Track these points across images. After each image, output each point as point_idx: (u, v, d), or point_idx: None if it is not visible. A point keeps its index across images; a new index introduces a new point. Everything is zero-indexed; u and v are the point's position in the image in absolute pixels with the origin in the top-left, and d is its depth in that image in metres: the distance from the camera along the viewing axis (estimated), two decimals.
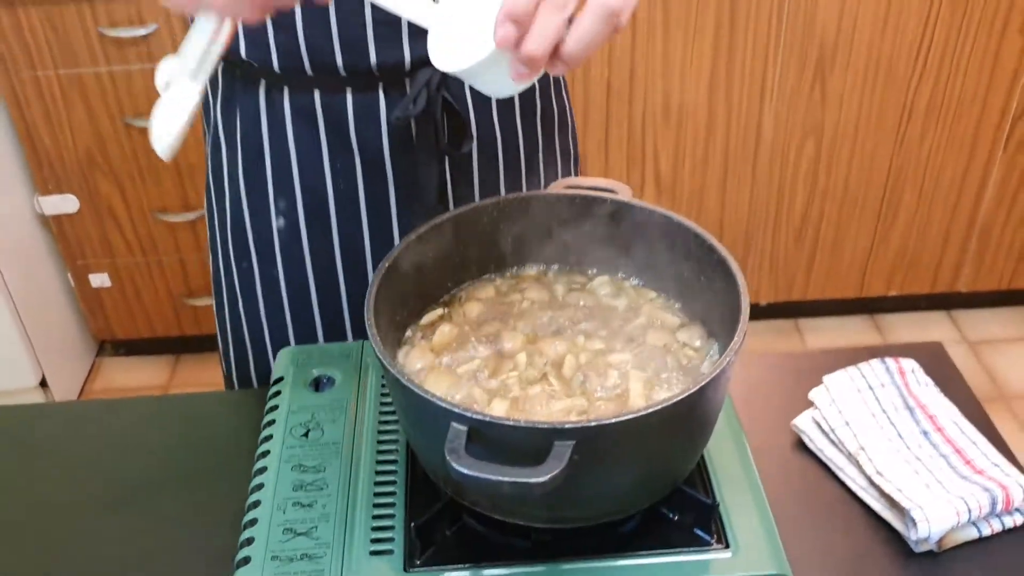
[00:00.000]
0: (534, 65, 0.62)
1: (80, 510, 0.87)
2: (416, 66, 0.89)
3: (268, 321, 1.02)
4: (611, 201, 0.80)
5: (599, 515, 0.68)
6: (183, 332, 2.36)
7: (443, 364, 0.76)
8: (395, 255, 0.75)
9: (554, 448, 0.59)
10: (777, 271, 2.36)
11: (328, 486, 0.77)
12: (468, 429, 0.61)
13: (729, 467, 0.76)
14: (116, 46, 1.92)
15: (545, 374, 0.74)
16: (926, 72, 2.06)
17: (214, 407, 1.01)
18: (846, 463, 0.88)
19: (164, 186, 2.12)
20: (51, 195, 2.11)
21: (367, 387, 0.85)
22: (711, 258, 0.74)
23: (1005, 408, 2.30)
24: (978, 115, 2.13)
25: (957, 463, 0.86)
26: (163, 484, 0.89)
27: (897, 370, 0.94)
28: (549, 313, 0.80)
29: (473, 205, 0.81)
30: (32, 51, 1.92)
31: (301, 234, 0.97)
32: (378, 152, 0.92)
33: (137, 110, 2.01)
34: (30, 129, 2.02)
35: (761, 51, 2.01)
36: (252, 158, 0.95)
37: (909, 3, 1.97)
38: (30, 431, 0.96)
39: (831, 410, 0.90)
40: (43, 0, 1.85)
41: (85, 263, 2.22)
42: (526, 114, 0.99)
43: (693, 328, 0.78)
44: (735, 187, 2.21)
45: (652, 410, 0.60)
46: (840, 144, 2.15)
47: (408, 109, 0.88)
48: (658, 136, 2.11)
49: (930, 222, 2.29)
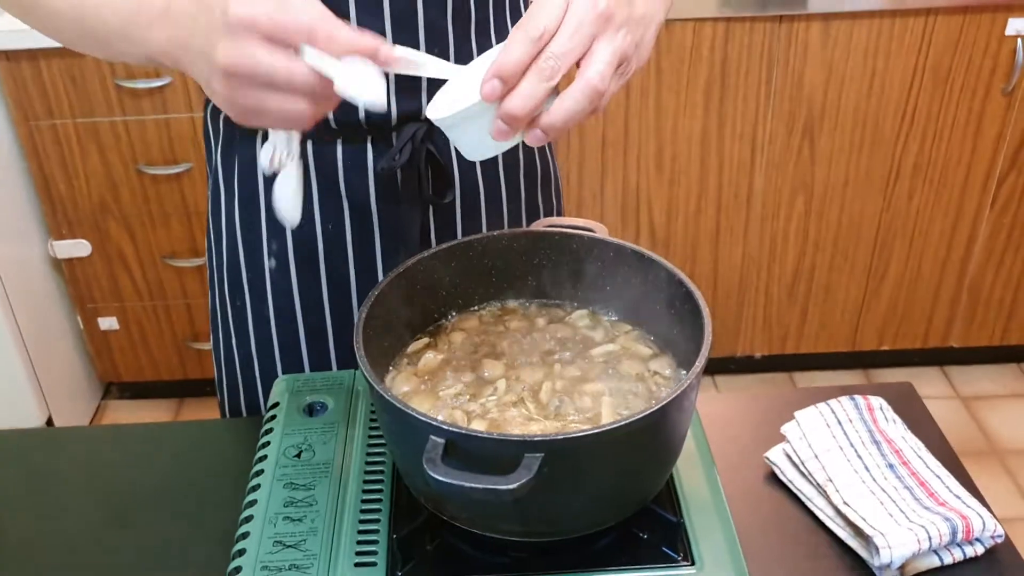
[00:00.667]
0: (514, 124, 0.66)
1: (85, 526, 0.91)
2: (402, 121, 0.95)
3: (258, 356, 1.07)
4: (589, 238, 0.86)
5: (571, 530, 0.72)
6: (187, 376, 2.40)
7: (427, 388, 0.81)
8: (384, 284, 0.80)
9: (524, 459, 0.63)
10: (771, 324, 2.41)
11: (317, 503, 0.81)
12: (445, 442, 0.65)
13: (697, 489, 0.80)
14: (132, 97, 2.01)
15: (523, 398, 0.79)
16: (912, 133, 2.13)
17: (210, 434, 1.05)
18: (815, 494, 0.91)
19: (173, 232, 2.18)
20: (64, 239, 2.18)
21: (358, 413, 0.90)
22: (679, 291, 0.79)
23: (998, 463, 2.32)
24: (964, 175, 2.19)
25: (921, 495, 0.89)
26: (163, 503, 0.93)
27: (866, 407, 0.98)
28: (529, 343, 0.85)
29: (460, 241, 0.86)
30: (51, 101, 2.01)
31: (291, 274, 1.02)
32: (365, 199, 0.98)
33: (149, 158, 2.09)
34: (46, 175, 2.10)
35: (751, 111, 2.08)
36: (248, 202, 1.01)
37: (893, 68, 2.04)
38: (39, 454, 1.01)
39: (801, 444, 0.94)
40: (64, 52, 1.94)
41: (95, 306, 2.28)
42: (509, 169, 1.04)
43: (664, 358, 0.83)
44: (728, 241, 2.27)
45: (617, 425, 0.65)
46: (830, 201, 2.21)
47: (394, 160, 0.94)
48: (652, 189, 2.18)
49: (920, 278, 2.34)
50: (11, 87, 1.99)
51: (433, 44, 0.92)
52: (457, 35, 0.93)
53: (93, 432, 1.15)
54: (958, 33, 2.00)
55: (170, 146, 2.07)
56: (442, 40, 0.92)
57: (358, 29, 0.67)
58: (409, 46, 0.89)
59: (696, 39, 1.99)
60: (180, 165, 2.10)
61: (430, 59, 0.73)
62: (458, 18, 0.93)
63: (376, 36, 0.68)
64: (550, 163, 1.12)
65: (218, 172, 1.02)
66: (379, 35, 0.68)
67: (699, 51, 2.01)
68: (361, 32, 0.67)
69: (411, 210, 0.98)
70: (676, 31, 1.98)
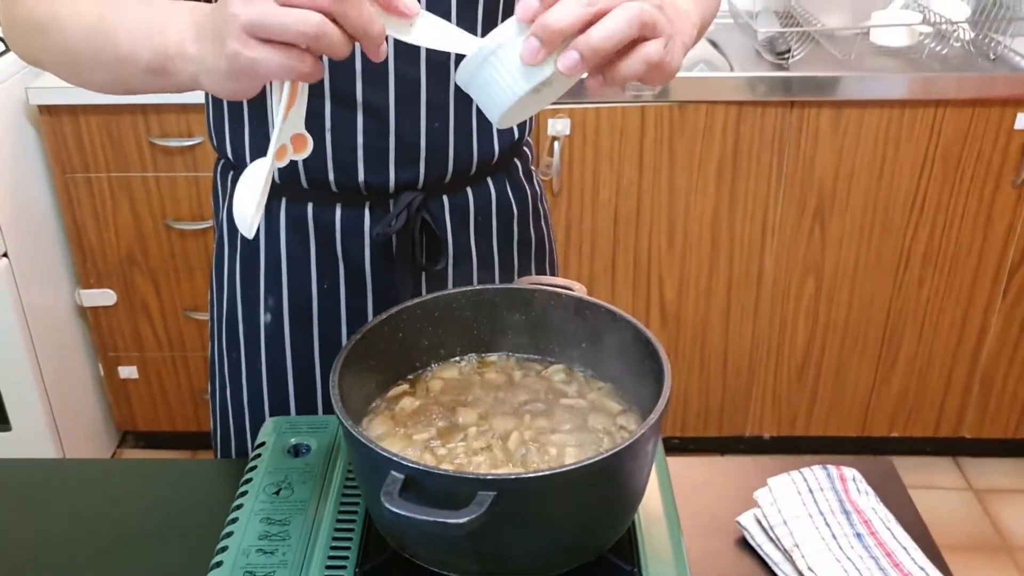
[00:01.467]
0: (548, 37, 0.64)
1: (77, 555, 0.94)
2: (400, 188, 0.99)
3: (249, 407, 1.11)
4: (567, 296, 0.90)
5: (525, 571, 0.75)
6: (201, 427, 2.45)
7: (402, 431, 0.84)
8: (368, 329, 0.84)
9: (477, 496, 0.66)
10: (780, 405, 2.41)
11: (291, 537, 0.84)
12: (405, 477, 0.68)
13: (658, 545, 0.82)
14: (164, 154, 2.10)
15: (491, 445, 0.82)
16: (922, 221, 2.15)
17: (201, 472, 1.09)
18: (782, 559, 0.93)
19: (196, 286, 2.25)
20: (91, 288, 2.26)
21: (339, 456, 0.93)
22: (647, 349, 0.82)
23: (1008, 559, 2.28)
24: (975, 265, 2.21)
25: (886, 565, 0.91)
26: (149, 536, 0.97)
27: (838, 476, 0.99)
28: (504, 394, 0.88)
29: (444, 293, 0.91)
30: (88, 155, 2.10)
31: (285, 330, 1.06)
32: (360, 262, 1.02)
33: (178, 214, 2.17)
34: (79, 226, 2.18)
35: (763, 192, 2.13)
36: (248, 259, 1.05)
37: (903, 157, 2.08)
38: (38, 484, 1.05)
39: (772, 509, 0.96)
40: (103, 110, 2.04)
41: (116, 355, 2.34)
42: (503, 239, 1.08)
43: (632, 415, 0.86)
44: (738, 319, 2.29)
45: (569, 468, 0.68)
46: (840, 284, 2.24)
47: (389, 226, 0.98)
48: (663, 265, 2.22)
49: (931, 366, 2.34)
50: (51, 141, 2.09)
51: (434, 119, 0.96)
52: (458, 113, 0.98)
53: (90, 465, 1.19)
54: (967, 125, 2.04)
55: (198, 202, 2.15)
56: (443, 116, 0.97)
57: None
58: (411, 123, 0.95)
59: (709, 121, 2.05)
60: (207, 221, 2.17)
61: (457, 33, 0.70)
62: (460, 96, 0.97)
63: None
64: (545, 235, 1.16)
65: (223, 228, 1.08)
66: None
67: (712, 132, 2.06)
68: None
69: (404, 275, 1.02)
70: (689, 112, 2.04)
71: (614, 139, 2.06)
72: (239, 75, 0.68)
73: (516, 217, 1.09)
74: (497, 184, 1.05)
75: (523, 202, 1.09)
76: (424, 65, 0.93)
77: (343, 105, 0.94)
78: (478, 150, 1.00)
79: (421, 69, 0.93)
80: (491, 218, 1.05)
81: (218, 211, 1.09)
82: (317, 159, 0.97)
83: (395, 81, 0.93)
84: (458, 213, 1.03)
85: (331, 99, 0.93)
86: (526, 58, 0.65)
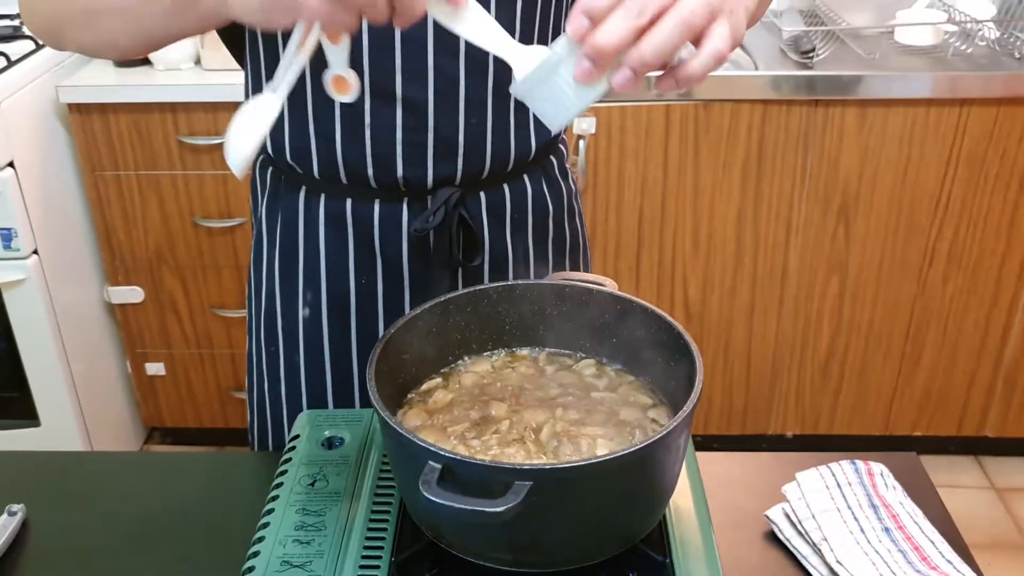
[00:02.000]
0: (600, 58, 0.64)
1: (114, 544, 0.96)
2: (438, 184, 1.00)
3: (287, 401, 1.12)
4: (599, 291, 0.91)
5: (559, 561, 0.76)
6: (228, 424, 2.47)
7: (435, 423, 0.85)
8: (403, 322, 0.86)
9: (513, 485, 0.67)
10: (804, 404, 2.41)
11: (326, 528, 0.85)
12: (442, 467, 0.70)
13: (689, 536, 0.83)
14: (192, 152, 2.12)
15: (523, 437, 0.83)
16: (946, 220, 2.15)
17: (234, 464, 1.11)
18: (810, 552, 0.94)
19: (223, 283, 2.28)
20: (120, 286, 2.28)
21: (372, 448, 0.94)
22: (678, 344, 0.83)
23: None
24: (999, 265, 2.20)
25: (914, 559, 0.91)
26: (183, 527, 0.98)
27: (866, 471, 1.00)
28: (535, 387, 0.89)
29: (477, 288, 0.92)
30: (117, 153, 2.13)
31: (323, 324, 1.07)
32: (397, 257, 1.04)
33: (206, 211, 2.19)
34: (108, 224, 2.21)
35: (787, 191, 2.13)
36: (287, 254, 1.07)
37: (928, 156, 2.08)
38: (70, 475, 1.07)
39: (800, 504, 0.97)
40: (133, 108, 2.07)
41: (143, 352, 2.37)
42: (538, 236, 1.10)
43: (663, 408, 0.87)
44: (762, 319, 2.29)
45: (604, 459, 0.69)
46: (864, 283, 2.23)
47: (427, 222, 1.00)
48: (688, 265, 2.22)
49: (955, 364, 2.33)
50: (81, 140, 2.12)
51: (472, 115, 0.98)
52: (496, 109, 0.99)
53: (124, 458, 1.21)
54: (992, 124, 2.04)
55: (226, 200, 2.18)
56: (481, 112, 0.98)
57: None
58: (450, 118, 0.96)
59: (734, 120, 2.06)
60: (234, 219, 2.20)
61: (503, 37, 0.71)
62: (498, 91, 0.98)
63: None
64: (579, 232, 1.17)
65: (262, 224, 1.09)
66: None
67: (736, 132, 2.07)
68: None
69: (441, 271, 1.03)
70: (714, 111, 2.05)
71: (639, 138, 2.07)
72: (277, 7, 0.67)
73: (551, 214, 1.10)
74: (533, 181, 1.06)
75: (558, 199, 1.10)
76: (463, 60, 0.94)
77: (382, 100, 0.95)
78: (515, 146, 1.01)
79: (460, 64, 0.94)
80: (527, 215, 1.06)
81: (257, 207, 1.10)
82: (356, 154, 0.98)
83: (434, 76, 0.94)
84: (494, 209, 1.04)
85: (370, 94, 0.95)
86: (580, 79, 0.66)
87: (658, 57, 0.65)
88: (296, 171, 1.02)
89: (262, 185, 1.09)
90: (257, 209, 1.10)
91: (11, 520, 0.97)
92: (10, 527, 0.96)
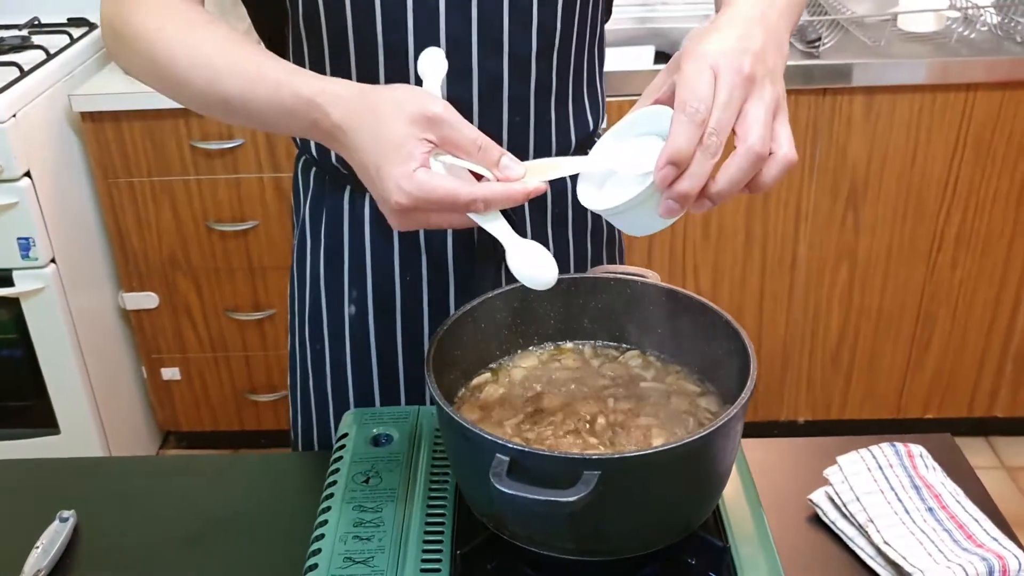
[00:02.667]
0: (685, 202, 0.70)
1: (163, 546, 0.98)
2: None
3: (333, 398, 1.13)
4: (642, 283, 0.92)
5: (622, 549, 0.77)
6: (243, 427, 2.48)
7: (489, 418, 0.87)
8: (452, 321, 0.87)
9: (583, 475, 0.69)
10: (815, 391, 2.43)
11: (384, 523, 0.87)
12: (510, 459, 0.71)
13: (742, 521, 0.85)
14: (205, 157, 2.13)
15: (578, 429, 0.85)
16: (954, 204, 2.17)
17: (282, 465, 1.12)
18: (856, 534, 0.95)
19: (237, 286, 2.28)
20: (134, 292, 2.29)
21: (421, 443, 0.96)
22: (727, 331, 0.85)
23: None
24: (1007, 247, 2.22)
25: (959, 537, 0.93)
26: (235, 527, 1.00)
27: (906, 453, 1.02)
28: (584, 380, 0.91)
29: (519, 284, 0.93)
30: (130, 160, 2.14)
31: (369, 321, 1.09)
32: (442, 255, 1.05)
33: (219, 215, 2.20)
34: (121, 230, 2.22)
35: (796, 180, 2.15)
36: (333, 253, 1.08)
37: (935, 141, 2.10)
38: (122, 481, 1.08)
39: (843, 487, 0.99)
40: (144, 115, 2.07)
41: (159, 357, 2.38)
42: (577, 230, 1.11)
43: (711, 396, 0.89)
44: (772, 307, 2.31)
45: (670, 447, 0.70)
46: (873, 269, 2.26)
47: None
48: (698, 254, 2.24)
49: (965, 347, 2.36)
50: (94, 147, 2.12)
51: (515, 113, 0.99)
52: (538, 106, 1.01)
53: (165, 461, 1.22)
54: (998, 108, 2.06)
55: (239, 204, 2.18)
56: (524, 110, 1.00)
57: (499, 161, 0.76)
58: (494, 117, 0.98)
59: None
60: (247, 222, 2.21)
61: (564, 160, 0.81)
62: (540, 89, 1.00)
63: (518, 169, 0.76)
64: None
65: (305, 223, 1.10)
66: (517, 170, 0.76)
67: None
68: (505, 176, 0.75)
69: (485, 267, 1.04)
70: None
71: None
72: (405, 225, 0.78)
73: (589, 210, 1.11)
74: (573, 176, 1.07)
75: None
76: (507, 59, 0.95)
77: None
78: (556, 141, 1.02)
79: (504, 64, 0.95)
80: (567, 209, 1.07)
81: (299, 207, 1.11)
82: None
83: (478, 76, 0.95)
84: (537, 204, 1.05)
85: None
86: (665, 215, 0.72)
87: (732, 192, 0.71)
88: (341, 172, 1.03)
89: (305, 186, 1.10)
90: (300, 210, 1.11)
91: (63, 527, 0.98)
92: (63, 533, 0.97)
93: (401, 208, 0.73)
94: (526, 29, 0.95)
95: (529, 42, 0.95)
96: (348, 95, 0.77)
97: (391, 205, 0.73)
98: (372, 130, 0.74)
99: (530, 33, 0.95)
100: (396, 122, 0.73)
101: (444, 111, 0.74)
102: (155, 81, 0.91)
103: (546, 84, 0.99)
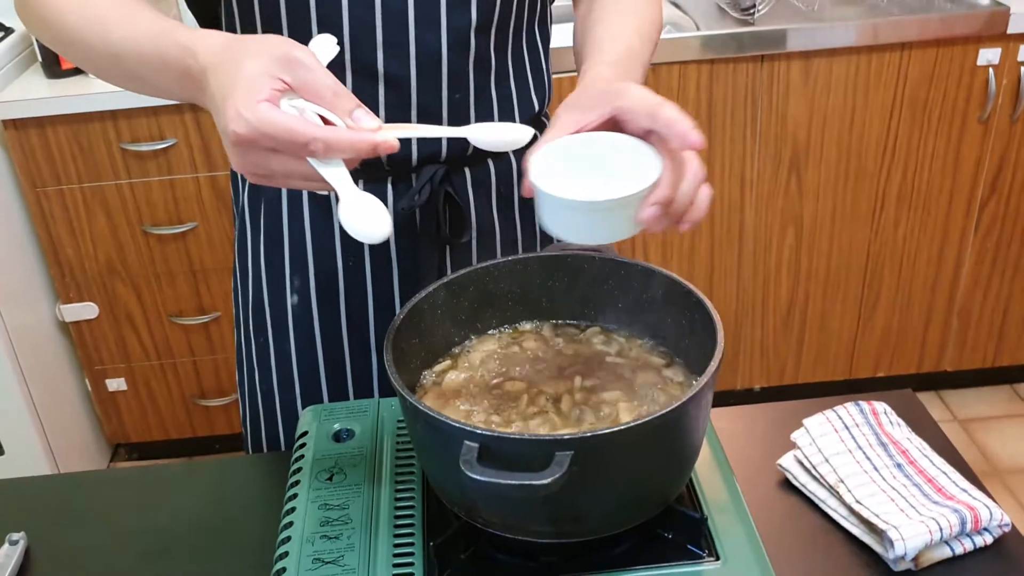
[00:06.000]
0: (676, 217, 0.78)
1: (120, 559, 0.94)
2: (422, 162, 0.99)
3: (279, 391, 1.10)
4: (599, 258, 0.90)
5: (598, 529, 0.76)
6: (195, 433, 2.42)
7: (453, 405, 0.85)
8: (407, 310, 0.84)
9: (555, 456, 0.67)
10: (768, 357, 2.45)
11: (352, 520, 0.84)
12: (479, 445, 0.69)
13: (716, 491, 0.84)
14: (137, 159, 2.06)
15: (545, 409, 0.83)
16: (894, 164, 2.20)
17: (239, 469, 1.09)
18: (828, 495, 0.95)
19: (179, 291, 2.22)
20: (72, 303, 2.22)
21: (384, 436, 0.93)
22: (689, 301, 0.84)
23: (999, 483, 2.35)
24: (947, 203, 2.26)
25: (929, 491, 0.93)
26: (196, 538, 0.96)
27: (870, 411, 1.02)
28: (546, 360, 0.89)
29: (476, 267, 0.91)
30: (58, 166, 2.06)
31: (312, 310, 1.06)
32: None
33: (155, 219, 2.14)
34: (54, 240, 2.14)
35: (739, 149, 2.15)
36: (272, 239, 1.05)
37: (872, 102, 2.12)
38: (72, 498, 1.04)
39: (811, 449, 0.98)
40: (71, 119, 2.00)
41: (103, 368, 2.31)
42: (525, 211, 1.09)
43: (677, 367, 0.87)
44: (722, 277, 2.32)
45: (641, 422, 0.69)
46: (819, 232, 2.27)
47: (413, 200, 0.99)
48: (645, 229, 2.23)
49: (911, 304, 2.39)
50: (19, 155, 2.04)
51: (455, 90, 0.97)
52: (478, 83, 0.98)
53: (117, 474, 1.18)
54: (932, 65, 2.08)
55: (175, 206, 2.12)
56: (463, 87, 0.97)
57: (357, 110, 0.72)
58: (433, 93, 0.95)
59: (682, 81, 2.07)
60: (185, 224, 2.15)
61: (423, 126, 0.81)
62: (479, 64, 0.97)
63: (370, 121, 0.72)
64: None
65: (244, 212, 1.07)
66: (369, 123, 0.72)
67: (685, 93, 2.08)
68: (357, 126, 0.71)
69: (429, 249, 1.02)
70: (662, 74, 2.06)
71: None
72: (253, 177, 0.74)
73: None
74: (518, 156, 1.05)
75: None
76: (444, 33, 0.93)
77: (364, 77, 0.93)
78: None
79: (442, 38, 0.93)
80: (512, 189, 1.05)
81: (238, 197, 1.08)
82: None
83: (415, 51, 0.93)
84: (480, 185, 1.03)
85: (352, 71, 0.93)
86: (646, 225, 0.77)
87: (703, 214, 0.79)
88: None
89: (242, 176, 1.06)
90: (239, 200, 1.08)
91: (14, 549, 0.94)
92: (14, 557, 0.93)
93: (239, 139, 0.69)
94: (464, 1, 0.92)
95: (468, 15, 0.93)
96: (220, 40, 0.74)
97: (229, 135, 0.69)
98: (232, 69, 0.71)
99: (468, 5, 0.93)
100: (255, 60, 0.70)
101: (306, 56, 0.71)
102: (50, 39, 0.88)
103: (486, 60, 0.97)
